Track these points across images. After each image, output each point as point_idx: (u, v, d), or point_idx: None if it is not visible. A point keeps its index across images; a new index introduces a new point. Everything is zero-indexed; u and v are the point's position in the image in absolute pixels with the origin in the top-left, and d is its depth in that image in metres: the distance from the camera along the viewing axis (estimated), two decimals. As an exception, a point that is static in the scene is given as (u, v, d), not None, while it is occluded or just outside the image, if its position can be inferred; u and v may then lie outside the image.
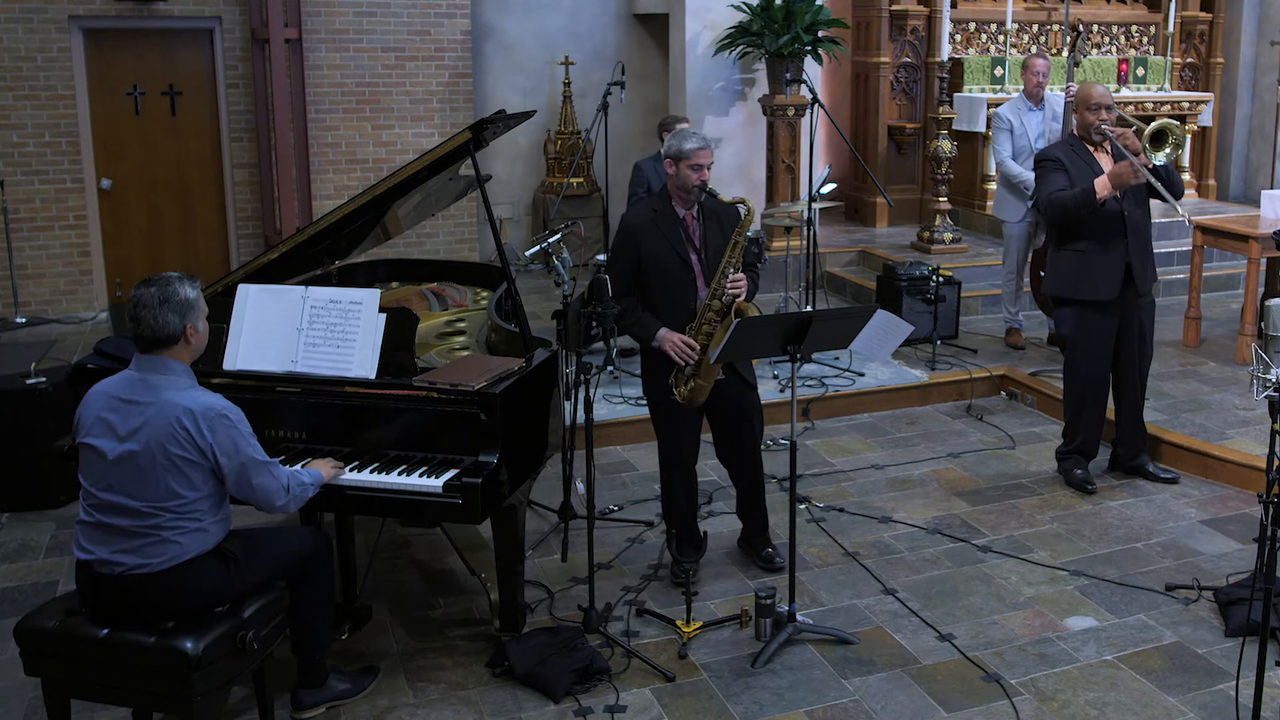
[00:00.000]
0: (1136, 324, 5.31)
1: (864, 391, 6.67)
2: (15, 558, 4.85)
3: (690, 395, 4.33)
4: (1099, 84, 5.27)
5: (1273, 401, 3.24)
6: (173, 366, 3.21)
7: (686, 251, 4.36)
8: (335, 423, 3.77)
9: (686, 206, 4.38)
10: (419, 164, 4.14)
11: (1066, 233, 5.24)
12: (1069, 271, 5.25)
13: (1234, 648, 3.93)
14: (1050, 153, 5.33)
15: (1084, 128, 5.23)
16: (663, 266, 4.35)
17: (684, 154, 4.27)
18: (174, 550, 3.17)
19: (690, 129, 4.44)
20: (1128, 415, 5.48)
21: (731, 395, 4.47)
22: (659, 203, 4.42)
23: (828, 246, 8.89)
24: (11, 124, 8.08)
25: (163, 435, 3.12)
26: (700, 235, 4.38)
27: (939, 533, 5.04)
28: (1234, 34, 10.88)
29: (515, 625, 4.05)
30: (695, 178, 4.27)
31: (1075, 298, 5.27)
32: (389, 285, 5.27)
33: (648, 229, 4.36)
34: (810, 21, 8.47)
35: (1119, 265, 5.15)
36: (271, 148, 8.59)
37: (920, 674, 3.93)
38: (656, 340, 4.33)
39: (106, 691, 3.31)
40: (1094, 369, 5.32)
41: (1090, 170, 5.12)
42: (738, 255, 4.26)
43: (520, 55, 9.86)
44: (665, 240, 4.34)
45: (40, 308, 8.33)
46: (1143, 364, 5.41)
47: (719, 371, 4.33)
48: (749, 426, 4.56)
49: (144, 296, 3.18)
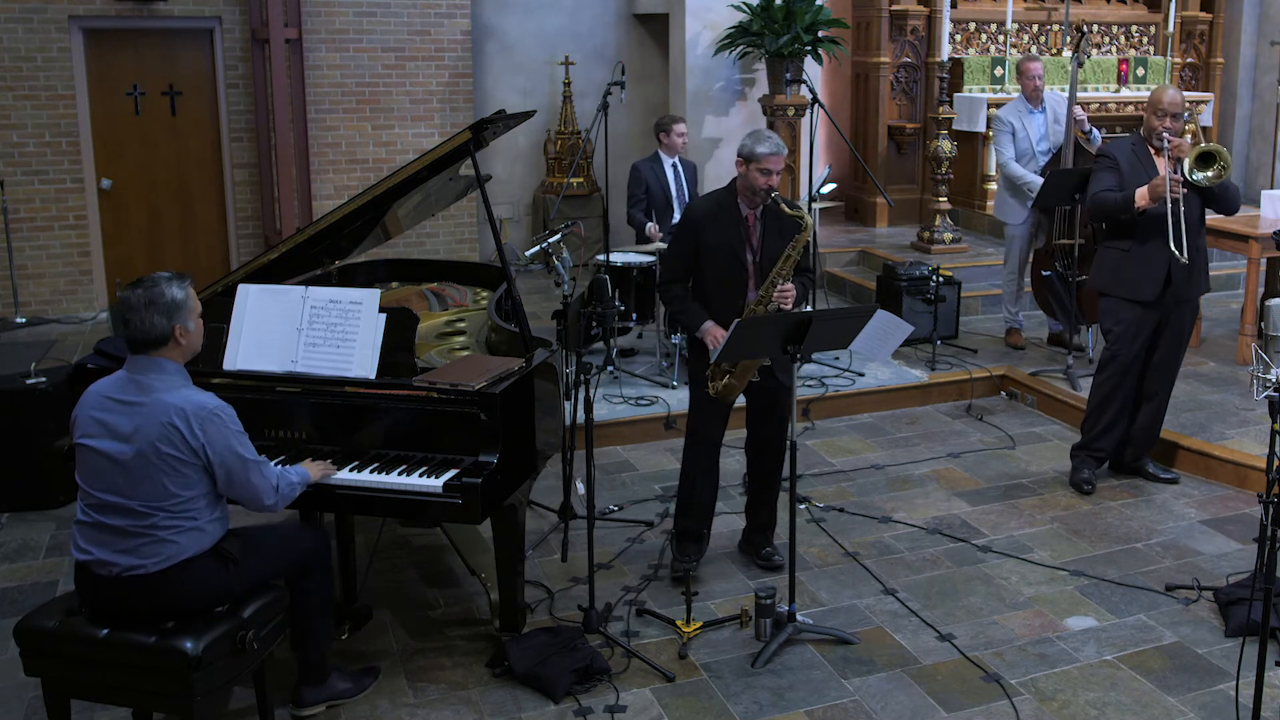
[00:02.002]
0: (1176, 327, 5.30)
1: (864, 391, 6.67)
2: (15, 558, 4.85)
3: (723, 391, 4.38)
4: (1172, 87, 5.26)
5: (1273, 401, 3.24)
6: (165, 366, 3.20)
7: (743, 250, 4.38)
8: (335, 423, 3.77)
9: (751, 207, 4.39)
10: (419, 164, 4.14)
11: (1112, 231, 5.28)
12: (1110, 267, 5.27)
13: (1234, 648, 3.93)
14: (1109, 149, 5.33)
15: (1147, 130, 5.22)
16: (718, 260, 4.38)
17: (755, 156, 4.27)
18: (170, 550, 3.17)
19: (764, 131, 4.43)
20: (1148, 416, 5.46)
21: (765, 392, 4.51)
22: (725, 197, 4.44)
23: (828, 246, 8.89)
24: (11, 124, 8.09)
25: (156, 435, 3.12)
26: (760, 237, 4.40)
27: (939, 533, 5.04)
28: (1234, 34, 10.88)
29: (515, 625, 4.05)
30: (763, 181, 4.27)
31: (1115, 293, 5.27)
32: (389, 285, 5.27)
33: (710, 221, 4.39)
34: (810, 21, 8.47)
35: (1160, 268, 5.12)
36: (271, 148, 8.59)
37: (920, 674, 3.93)
38: (701, 331, 4.37)
39: (106, 691, 3.31)
40: (1126, 364, 5.28)
41: (1145, 174, 5.11)
42: (789, 267, 4.28)
43: (520, 55, 9.86)
44: (724, 235, 4.37)
45: (40, 308, 8.33)
46: (1173, 368, 5.39)
47: (754, 373, 4.37)
48: (776, 423, 4.59)
49: (131, 299, 3.18)
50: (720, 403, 4.47)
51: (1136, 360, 5.30)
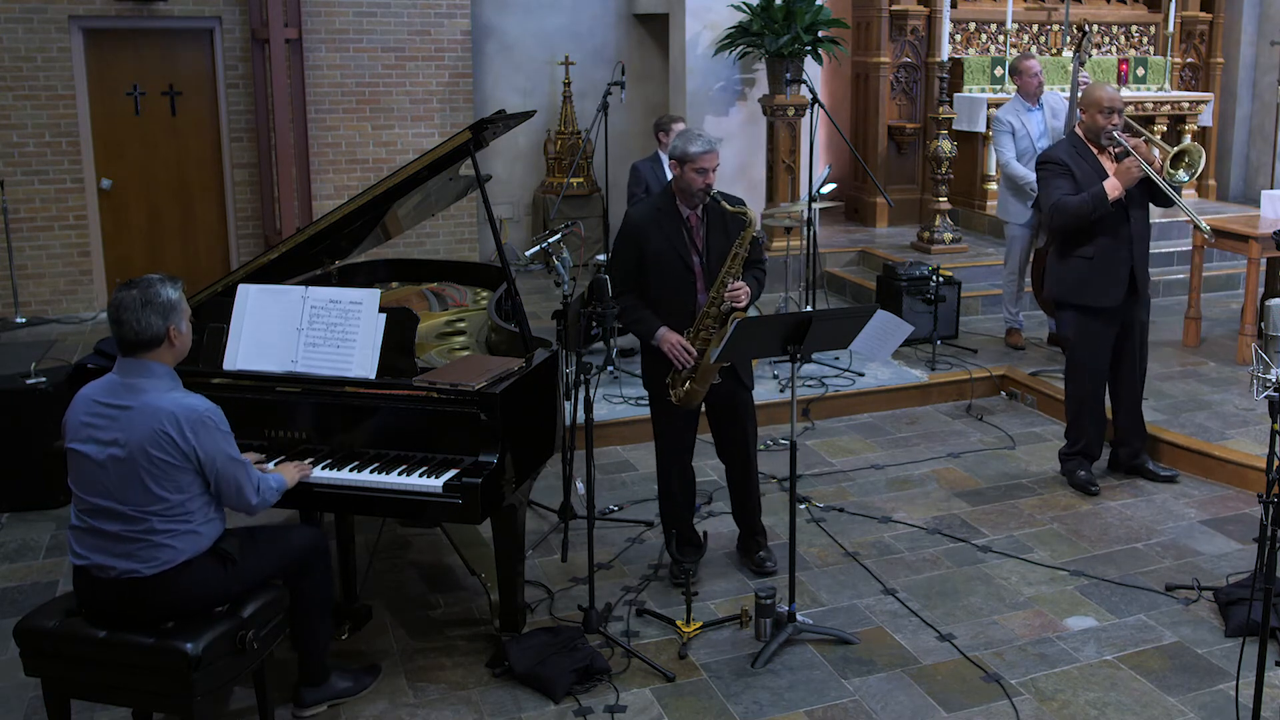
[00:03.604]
0: (1137, 325, 5.31)
1: (864, 391, 6.67)
2: (15, 558, 4.85)
3: (685, 398, 4.33)
4: (1108, 84, 5.21)
5: (1273, 401, 3.24)
6: (155, 370, 3.19)
7: (688, 252, 4.33)
8: (335, 423, 3.77)
9: (691, 207, 4.34)
10: (419, 164, 4.14)
11: (1071, 238, 5.19)
12: (1073, 277, 5.21)
13: (1234, 648, 3.93)
14: (1053, 155, 5.25)
15: (1091, 130, 5.15)
16: (663, 265, 4.33)
17: (689, 157, 4.21)
18: (167, 554, 3.16)
19: (695, 130, 4.39)
20: (1128, 414, 5.48)
21: (724, 395, 4.45)
22: (663, 201, 4.39)
23: (828, 246, 8.89)
24: (11, 124, 8.08)
25: (146, 439, 3.11)
26: (704, 237, 4.35)
27: (939, 533, 5.04)
28: (1234, 34, 10.88)
29: (515, 625, 4.05)
30: (700, 181, 4.22)
31: (1079, 303, 5.25)
32: (389, 285, 5.27)
33: (650, 227, 4.33)
34: (810, 21, 8.47)
35: (1124, 272, 5.14)
36: (271, 148, 8.59)
37: (920, 674, 3.93)
38: (656, 339, 4.31)
39: (106, 692, 3.31)
40: (1095, 371, 5.31)
41: (1096, 174, 5.08)
42: (738, 265, 4.23)
43: (520, 55, 9.86)
44: (667, 239, 4.31)
45: (40, 308, 8.33)
46: (1141, 364, 5.41)
47: (715, 376, 4.31)
48: (740, 427, 4.55)
49: (125, 299, 3.16)
50: (684, 409, 4.42)
51: (1104, 366, 5.31)
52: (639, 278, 4.37)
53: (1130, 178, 4.98)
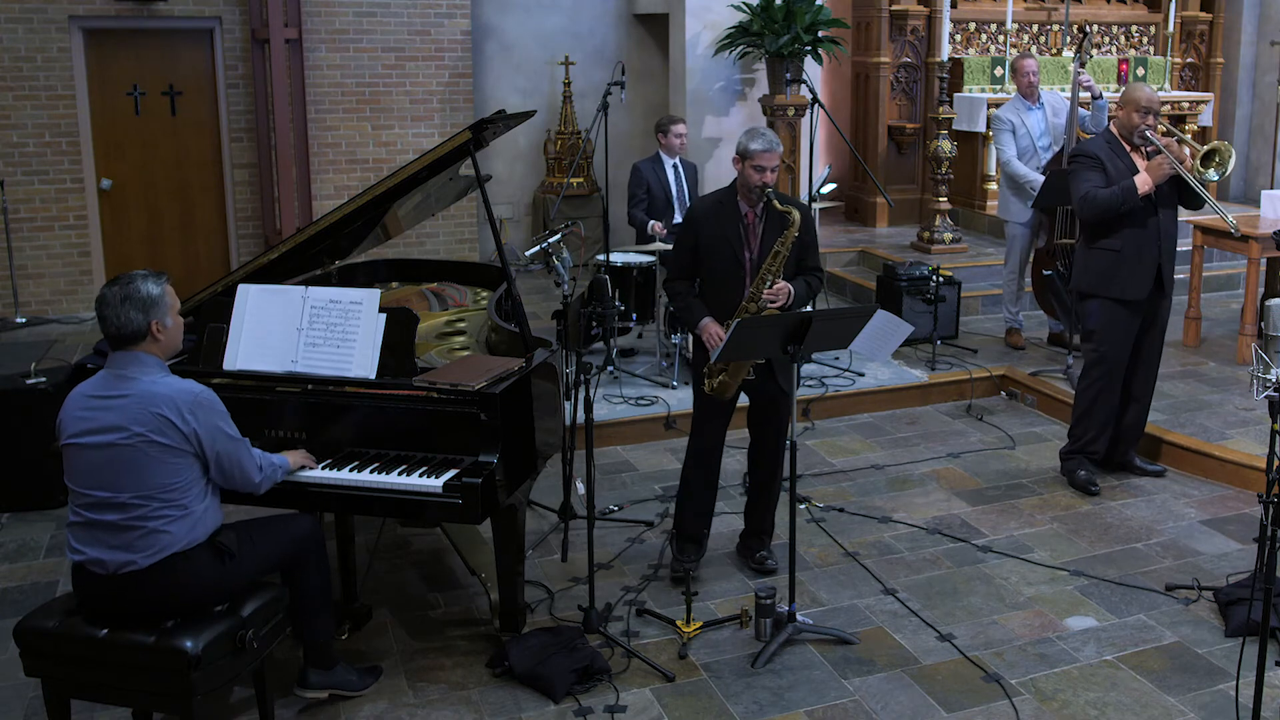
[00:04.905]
0: (1160, 321, 5.33)
1: (864, 391, 6.67)
2: (15, 558, 4.85)
3: (718, 389, 4.39)
4: (1148, 85, 5.27)
5: (1273, 401, 3.24)
6: (145, 359, 3.23)
7: (741, 247, 4.37)
8: (335, 423, 3.77)
9: (750, 205, 4.39)
10: (419, 164, 4.14)
11: (1100, 231, 5.23)
12: (1100, 268, 5.25)
13: (1234, 648, 3.93)
14: (1088, 148, 5.27)
15: (1126, 128, 5.18)
16: (715, 256, 4.39)
17: (750, 153, 4.28)
18: (164, 541, 3.17)
19: (760, 129, 4.42)
20: (1135, 412, 5.48)
21: (765, 396, 4.51)
22: (726, 195, 4.45)
23: (828, 246, 8.89)
24: (11, 124, 8.09)
25: (146, 425, 3.13)
26: (759, 235, 4.39)
27: (939, 533, 5.04)
28: (1234, 34, 10.88)
29: (515, 625, 4.05)
30: (757, 178, 4.27)
31: (1105, 294, 5.25)
32: (389, 285, 5.27)
33: (709, 217, 4.40)
34: (810, 21, 8.47)
35: (1151, 267, 5.16)
36: (271, 148, 8.59)
37: (920, 674, 3.93)
38: (699, 328, 4.38)
39: (106, 691, 3.31)
40: (1116, 363, 5.30)
41: (1128, 170, 5.12)
42: (779, 264, 4.27)
43: (520, 55, 9.86)
44: (721, 231, 4.37)
45: (40, 308, 8.33)
46: (1156, 365, 5.42)
47: (747, 371, 4.37)
48: (774, 429, 4.59)
49: (107, 295, 3.22)
50: (719, 401, 4.47)
51: (1125, 360, 5.31)
52: (694, 267, 4.44)
53: (1161, 174, 5.03)
